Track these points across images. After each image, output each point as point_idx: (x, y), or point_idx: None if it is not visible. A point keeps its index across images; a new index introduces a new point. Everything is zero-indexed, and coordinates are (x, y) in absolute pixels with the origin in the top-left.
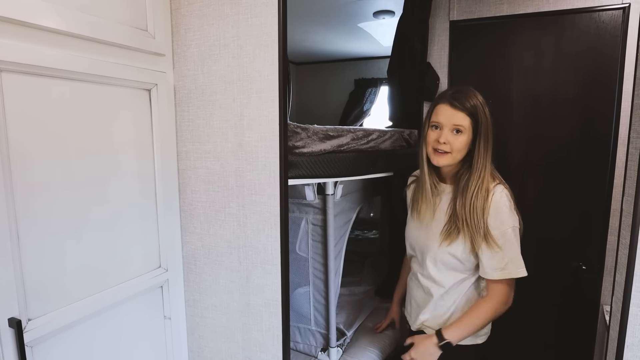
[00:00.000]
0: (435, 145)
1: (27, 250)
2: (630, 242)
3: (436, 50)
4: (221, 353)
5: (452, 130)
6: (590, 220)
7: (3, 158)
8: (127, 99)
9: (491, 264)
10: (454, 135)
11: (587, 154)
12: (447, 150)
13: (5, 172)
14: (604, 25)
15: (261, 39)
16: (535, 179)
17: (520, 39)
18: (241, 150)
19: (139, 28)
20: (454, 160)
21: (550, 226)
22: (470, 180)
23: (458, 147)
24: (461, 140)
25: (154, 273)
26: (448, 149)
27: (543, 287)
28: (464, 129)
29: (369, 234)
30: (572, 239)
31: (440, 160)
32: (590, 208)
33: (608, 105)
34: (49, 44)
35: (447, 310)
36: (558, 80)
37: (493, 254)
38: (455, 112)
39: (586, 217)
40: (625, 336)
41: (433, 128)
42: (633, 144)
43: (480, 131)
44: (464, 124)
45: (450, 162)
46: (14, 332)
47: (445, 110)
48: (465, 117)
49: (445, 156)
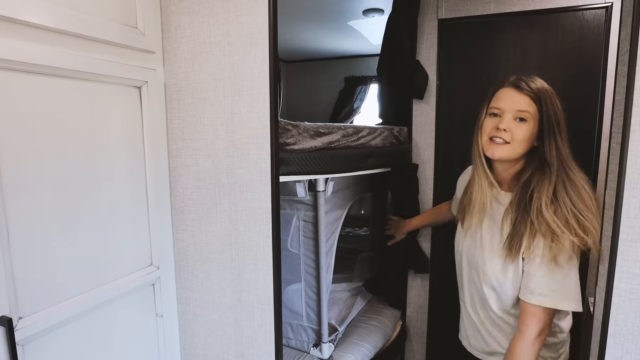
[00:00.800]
0: (494, 133)
1: (17, 249)
2: (612, 235)
3: (425, 48)
4: (214, 350)
5: (515, 118)
6: None
7: None
8: (117, 97)
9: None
10: (517, 123)
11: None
12: (507, 140)
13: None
14: (588, 24)
15: (252, 36)
16: None
17: (507, 37)
18: (232, 148)
19: (129, 25)
20: (512, 154)
21: None
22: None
23: (520, 137)
24: (525, 129)
25: (145, 271)
26: (509, 138)
27: None
28: (529, 117)
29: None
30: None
31: (497, 151)
32: None
33: (592, 102)
34: (37, 40)
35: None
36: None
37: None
38: (520, 97)
39: None
40: (609, 325)
41: (491, 116)
42: (614, 138)
43: (548, 121)
44: (530, 110)
45: (508, 154)
46: (4, 330)
47: (508, 95)
48: (532, 102)
49: (503, 147)
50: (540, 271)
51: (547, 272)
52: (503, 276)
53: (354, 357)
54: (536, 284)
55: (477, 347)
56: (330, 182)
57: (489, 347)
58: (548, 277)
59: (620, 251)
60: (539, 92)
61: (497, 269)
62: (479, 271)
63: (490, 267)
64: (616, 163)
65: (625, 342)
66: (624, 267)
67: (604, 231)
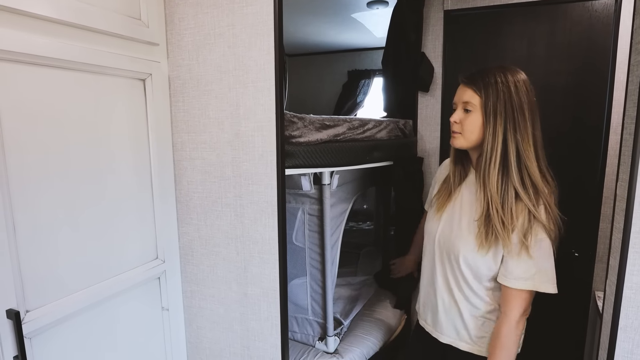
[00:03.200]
0: (451, 125)
1: (23, 242)
2: (624, 227)
3: (430, 40)
4: (219, 343)
5: (463, 109)
6: (582, 208)
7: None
8: (121, 89)
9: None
10: (465, 114)
11: (580, 141)
12: (458, 131)
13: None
14: (597, 14)
15: (257, 27)
16: None
17: (514, 28)
18: (237, 140)
19: (133, 17)
20: (467, 142)
21: None
22: (483, 168)
23: (467, 127)
24: (471, 119)
25: (151, 264)
26: (458, 129)
27: None
28: (474, 107)
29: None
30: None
31: (454, 141)
32: (582, 195)
33: (600, 93)
34: (40, 32)
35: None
36: (551, 69)
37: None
38: (465, 89)
39: (578, 204)
40: (619, 318)
41: (454, 110)
42: (627, 129)
43: (492, 110)
44: (472, 101)
45: (463, 144)
46: (12, 323)
47: (460, 89)
48: (474, 94)
49: (458, 137)
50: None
51: (526, 257)
52: (478, 255)
53: (359, 350)
54: (517, 268)
55: (447, 333)
56: (335, 175)
57: (460, 332)
58: (529, 261)
59: (632, 243)
60: (484, 84)
61: (471, 248)
62: (455, 251)
63: (465, 247)
64: (628, 154)
65: (636, 335)
66: (635, 259)
67: (616, 223)
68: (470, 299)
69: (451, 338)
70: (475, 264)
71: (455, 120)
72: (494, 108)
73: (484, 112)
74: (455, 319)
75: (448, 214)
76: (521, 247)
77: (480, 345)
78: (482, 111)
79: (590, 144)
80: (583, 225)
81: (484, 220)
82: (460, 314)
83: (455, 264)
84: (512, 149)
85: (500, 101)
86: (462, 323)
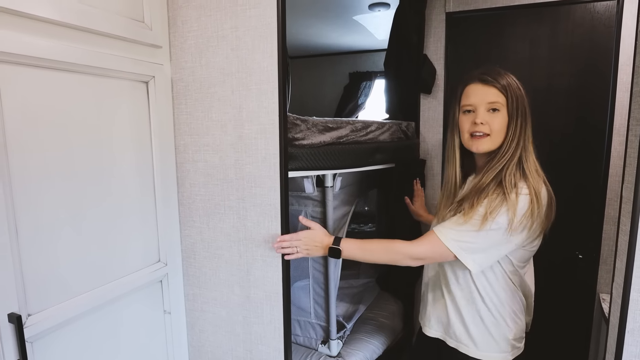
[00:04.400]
0: (473, 128)
1: (25, 245)
2: (631, 229)
3: (432, 42)
4: (222, 347)
5: (487, 110)
6: (586, 210)
7: (0, 150)
8: (124, 91)
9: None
10: (491, 115)
11: (583, 143)
12: (487, 132)
13: (2, 165)
14: (599, 16)
15: (260, 30)
16: None
17: (516, 30)
18: (240, 143)
19: (136, 19)
20: (494, 144)
21: None
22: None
23: (497, 128)
24: (500, 119)
25: (153, 267)
26: (487, 130)
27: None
28: (500, 106)
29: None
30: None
31: (481, 144)
32: (586, 197)
33: (603, 95)
34: (43, 34)
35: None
36: (553, 71)
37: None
38: (488, 89)
39: (582, 206)
40: (626, 322)
41: (465, 113)
42: (632, 131)
43: (515, 109)
44: (500, 101)
45: (490, 146)
46: (14, 327)
47: (477, 89)
48: (499, 93)
49: (485, 139)
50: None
51: (474, 226)
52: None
53: (362, 354)
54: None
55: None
56: (338, 177)
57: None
58: (471, 230)
59: (639, 246)
60: (505, 82)
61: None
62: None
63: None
64: (634, 156)
65: None
66: None
67: (622, 225)
68: (451, 287)
69: (439, 332)
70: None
71: (482, 122)
72: (516, 108)
73: (508, 112)
74: (441, 312)
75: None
76: (481, 220)
77: (467, 343)
78: (507, 112)
79: (594, 146)
80: (587, 227)
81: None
82: (445, 307)
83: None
84: (522, 148)
85: (519, 101)
86: (446, 316)
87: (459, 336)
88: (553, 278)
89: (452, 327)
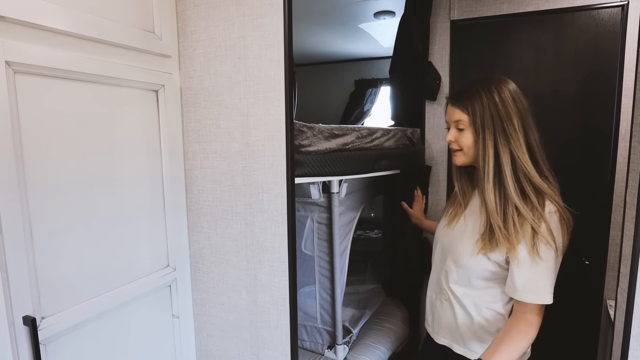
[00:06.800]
0: (449, 145)
1: (40, 250)
2: (635, 234)
3: (437, 49)
4: (229, 351)
5: (455, 128)
6: (592, 215)
7: (17, 158)
8: (135, 100)
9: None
10: (459, 132)
11: (589, 149)
12: (457, 148)
13: (19, 172)
14: (603, 22)
15: (267, 39)
16: None
17: (521, 37)
18: (248, 150)
19: (147, 30)
20: (467, 159)
21: None
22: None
23: (465, 144)
24: (465, 137)
25: (162, 272)
26: (456, 146)
27: None
28: (465, 124)
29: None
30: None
31: (457, 158)
32: (592, 203)
33: (609, 101)
34: (59, 45)
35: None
36: (559, 77)
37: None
38: (454, 109)
39: (588, 211)
40: (631, 326)
41: (447, 129)
42: (636, 137)
43: (481, 126)
44: (463, 119)
45: (464, 160)
46: (28, 330)
47: (448, 109)
48: (462, 112)
49: (459, 154)
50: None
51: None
52: (474, 257)
53: (368, 359)
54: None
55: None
56: (344, 183)
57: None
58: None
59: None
60: (470, 101)
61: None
62: (453, 253)
63: (464, 249)
64: (638, 162)
65: None
66: None
67: (626, 231)
68: (456, 293)
69: (446, 339)
70: (469, 264)
71: (450, 140)
72: (482, 123)
73: (474, 128)
74: (448, 319)
75: (456, 225)
76: (533, 256)
77: (474, 350)
78: (472, 128)
79: (600, 151)
80: (593, 233)
81: (488, 234)
82: (455, 315)
83: (452, 264)
84: (505, 159)
85: (487, 115)
86: (453, 323)
87: (466, 342)
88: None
89: (459, 333)
